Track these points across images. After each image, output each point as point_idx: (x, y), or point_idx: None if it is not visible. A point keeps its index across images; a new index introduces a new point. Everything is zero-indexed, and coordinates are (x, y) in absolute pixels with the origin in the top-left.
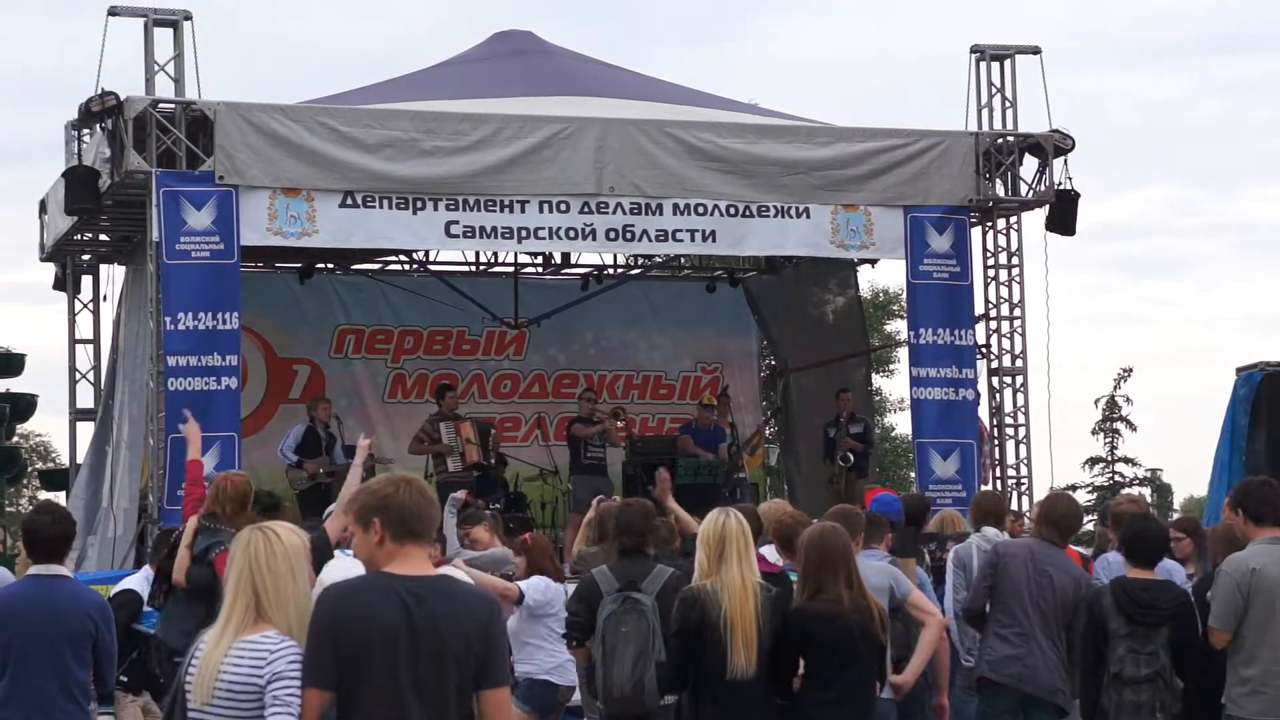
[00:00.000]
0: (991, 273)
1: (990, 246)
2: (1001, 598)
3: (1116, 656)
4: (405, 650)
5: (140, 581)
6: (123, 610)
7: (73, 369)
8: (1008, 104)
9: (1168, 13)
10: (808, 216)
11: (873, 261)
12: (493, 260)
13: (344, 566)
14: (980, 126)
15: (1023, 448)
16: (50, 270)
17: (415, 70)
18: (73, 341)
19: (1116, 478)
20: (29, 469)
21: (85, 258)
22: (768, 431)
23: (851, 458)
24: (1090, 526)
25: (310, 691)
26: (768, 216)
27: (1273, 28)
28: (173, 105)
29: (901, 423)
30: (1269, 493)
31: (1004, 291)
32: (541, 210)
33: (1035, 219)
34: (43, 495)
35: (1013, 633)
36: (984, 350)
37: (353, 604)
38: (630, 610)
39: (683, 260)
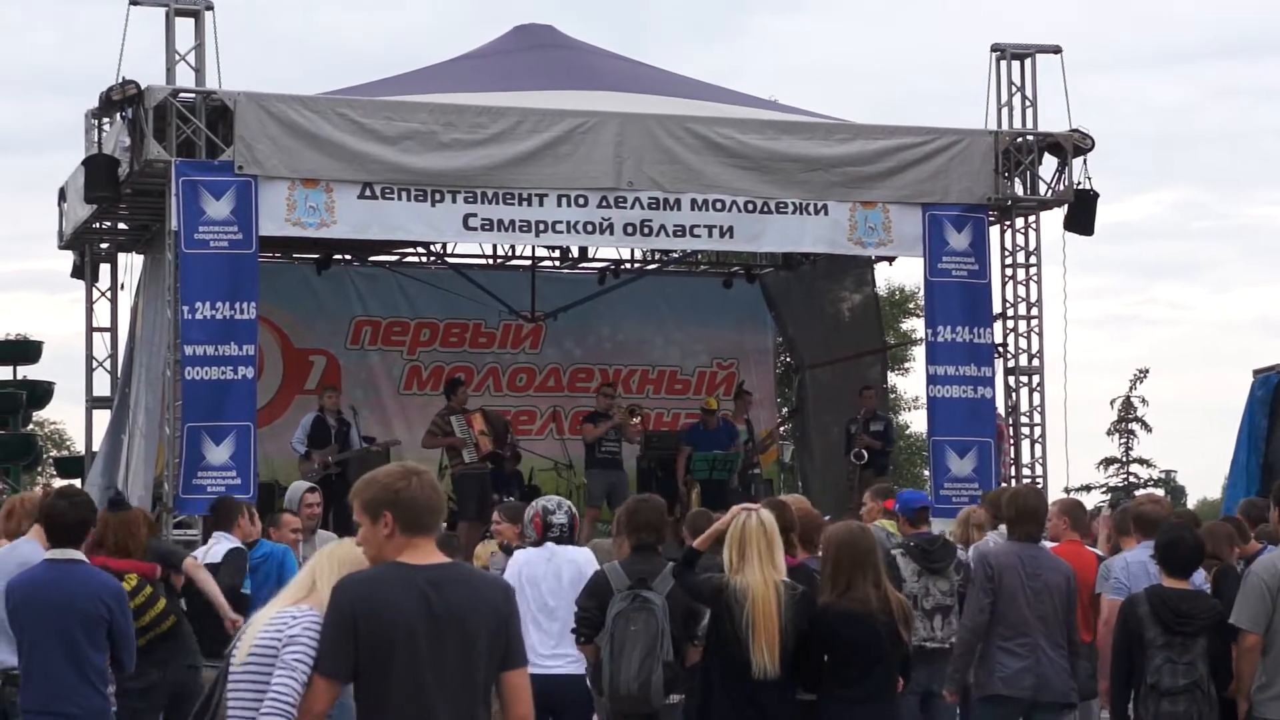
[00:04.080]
0: (1009, 272)
1: (1008, 245)
2: (1001, 610)
3: (1154, 667)
4: (427, 639)
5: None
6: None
7: (90, 357)
8: (1028, 103)
9: (1179, 17)
10: (826, 213)
11: (890, 259)
12: (510, 253)
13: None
14: (1000, 125)
15: (1038, 447)
16: (69, 258)
17: (435, 63)
18: (90, 329)
19: (1131, 479)
20: (45, 456)
21: (104, 246)
22: (783, 429)
23: (865, 455)
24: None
25: (323, 680)
26: (786, 213)
27: None
28: (193, 95)
29: (916, 421)
30: None
31: (1021, 291)
32: (560, 204)
33: (1053, 218)
34: (58, 483)
35: (1018, 644)
36: (1000, 349)
37: (372, 594)
38: (640, 609)
39: (700, 256)
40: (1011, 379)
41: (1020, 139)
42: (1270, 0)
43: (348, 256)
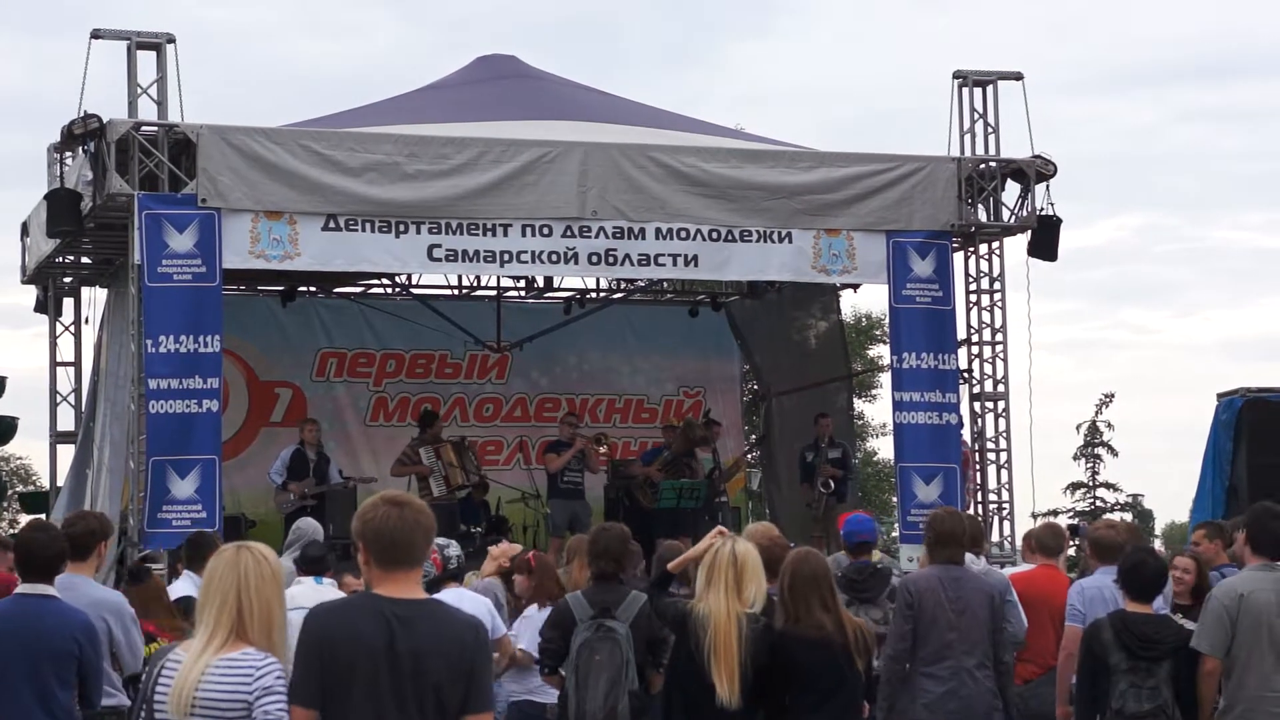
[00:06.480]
0: (973, 298)
1: (972, 272)
2: (922, 634)
3: (1119, 692)
4: (386, 672)
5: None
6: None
7: (53, 392)
8: (990, 129)
9: (1141, 42)
10: (790, 241)
11: (855, 286)
12: (475, 284)
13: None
14: (963, 152)
15: (1004, 473)
16: (31, 293)
17: (398, 94)
18: (54, 364)
19: (1098, 503)
20: (9, 492)
21: (67, 280)
22: (750, 456)
23: (832, 484)
24: (1072, 552)
25: (297, 710)
26: (750, 241)
27: (1242, 58)
28: (155, 128)
29: (884, 447)
30: (1273, 525)
31: (986, 316)
32: (524, 234)
33: (1017, 244)
34: (24, 519)
35: (942, 668)
36: (965, 375)
37: (337, 623)
38: (604, 638)
39: (665, 284)
40: (977, 405)
41: (983, 165)
42: (1231, 24)
43: (312, 288)
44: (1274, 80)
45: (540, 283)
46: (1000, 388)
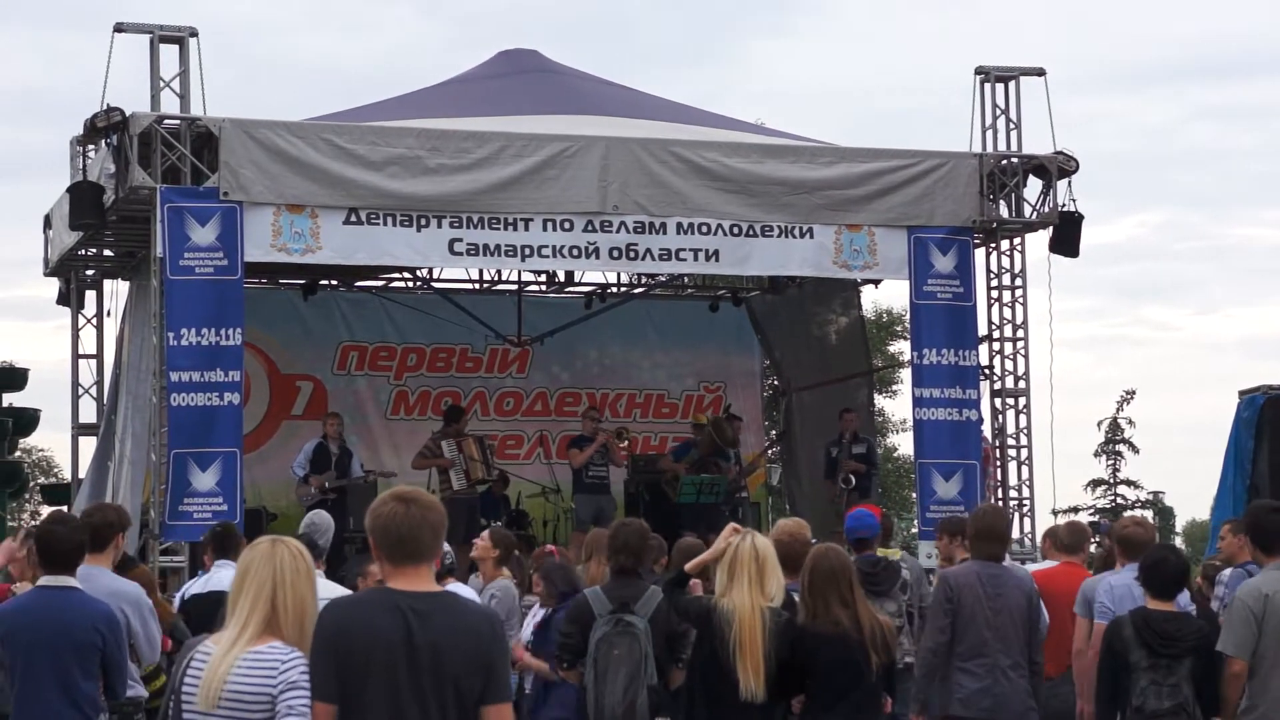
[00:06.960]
0: (995, 294)
1: (994, 268)
2: (960, 630)
3: (1139, 689)
4: (404, 665)
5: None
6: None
7: (75, 384)
8: (1012, 125)
9: (1161, 39)
10: (811, 236)
11: (876, 282)
12: (496, 278)
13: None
14: (984, 148)
15: (1025, 469)
16: (54, 285)
17: (420, 88)
18: (76, 356)
19: (1119, 500)
20: (31, 484)
21: (89, 273)
22: (770, 452)
23: (854, 479)
24: (1092, 549)
25: (320, 705)
26: (771, 236)
27: (1260, 55)
28: (178, 121)
29: (904, 443)
30: (1272, 520)
31: (1007, 313)
32: (545, 228)
33: (1038, 240)
34: (45, 510)
35: (977, 665)
36: (986, 371)
37: (353, 617)
38: (623, 633)
39: (686, 279)
40: (998, 401)
41: (1005, 161)
42: (1252, 21)
43: (334, 282)
44: None
45: (561, 277)
46: (1021, 384)
